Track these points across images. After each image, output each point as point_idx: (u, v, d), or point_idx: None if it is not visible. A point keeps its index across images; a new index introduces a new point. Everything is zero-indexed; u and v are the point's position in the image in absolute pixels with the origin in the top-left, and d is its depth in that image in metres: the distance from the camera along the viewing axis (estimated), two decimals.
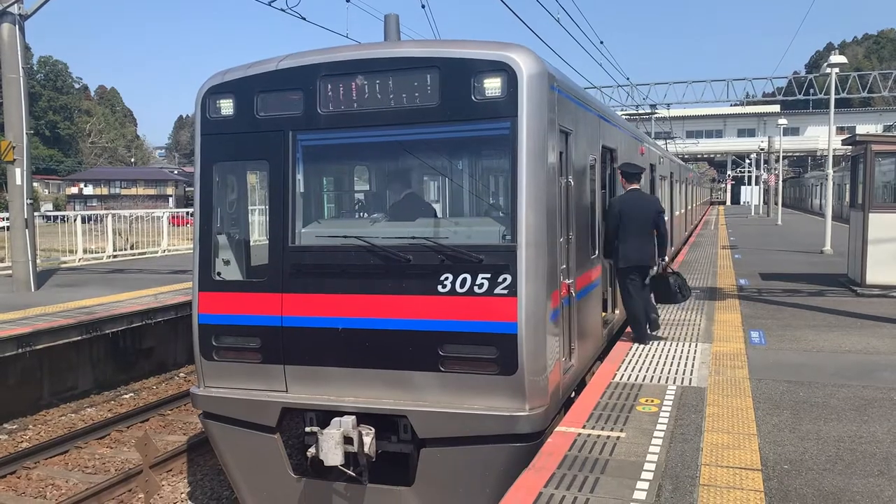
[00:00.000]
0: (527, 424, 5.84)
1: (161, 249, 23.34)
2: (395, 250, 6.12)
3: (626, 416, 6.16)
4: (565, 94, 6.74)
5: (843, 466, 5.06)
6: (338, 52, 6.47)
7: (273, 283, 6.47)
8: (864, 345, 8.96)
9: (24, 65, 14.10)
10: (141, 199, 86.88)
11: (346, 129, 6.42)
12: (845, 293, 13.23)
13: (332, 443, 5.93)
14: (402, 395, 6.13)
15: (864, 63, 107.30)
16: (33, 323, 10.88)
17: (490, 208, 6.76)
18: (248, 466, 6.78)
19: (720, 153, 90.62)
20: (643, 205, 8.60)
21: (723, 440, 5.56)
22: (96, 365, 12.39)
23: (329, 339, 6.26)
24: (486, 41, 6.16)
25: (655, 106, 51.48)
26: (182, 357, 13.91)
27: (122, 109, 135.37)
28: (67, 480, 8.80)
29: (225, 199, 7.17)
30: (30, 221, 14.22)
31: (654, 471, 4.94)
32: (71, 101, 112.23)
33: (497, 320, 5.84)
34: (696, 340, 9.21)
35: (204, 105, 6.76)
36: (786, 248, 23.21)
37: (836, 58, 21.78)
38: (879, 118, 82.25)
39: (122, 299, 13.22)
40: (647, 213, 8.53)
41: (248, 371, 6.59)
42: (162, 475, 8.80)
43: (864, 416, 6.16)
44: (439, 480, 6.11)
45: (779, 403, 6.55)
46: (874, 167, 13.13)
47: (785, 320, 10.63)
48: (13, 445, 9.92)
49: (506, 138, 5.94)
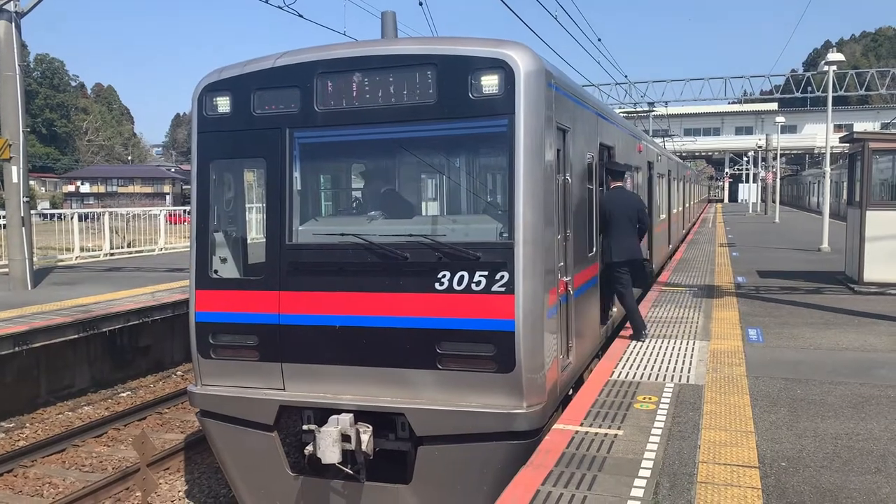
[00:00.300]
0: (524, 422, 5.83)
1: (158, 247, 23.32)
2: (393, 248, 6.10)
3: (623, 414, 6.16)
4: (563, 91, 6.73)
5: (841, 463, 5.07)
6: (335, 49, 6.44)
7: (270, 281, 6.46)
8: (862, 342, 8.97)
9: (21, 62, 14.08)
10: (138, 197, 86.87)
11: (343, 127, 6.41)
12: (843, 291, 13.24)
13: (329, 441, 5.93)
14: (400, 392, 6.12)
15: (862, 61, 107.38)
16: (30, 321, 10.85)
17: (487, 206, 6.74)
18: (246, 465, 6.77)
19: (718, 151, 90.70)
20: (628, 202, 9.10)
21: (720, 437, 5.56)
22: (93, 363, 12.38)
23: (326, 336, 6.25)
24: (484, 38, 6.14)
25: (653, 104, 51.57)
26: (179, 355, 13.89)
27: (119, 107, 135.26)
28: (64, 479, 8.79)
29: (222, 197, 7.15)
30: (26, 219, 14.21)
31: (651, 468, 4.94)
32: (68, 98, 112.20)
33: (494, 318, 5.84)
34: (694, 338, 9.22)
35: (201, 103, 6.74)
36: (783, 246, 23.23)
37: (834, 55, 21.79)
38: (877, 116, 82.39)
39: (119, 297, 13.19)
40: (632, 209, 9.02)
41: (246, 369, 6.58)
42: (159, 473, 8.79)
43: (862, 414, 6.17)
44: (437, 478, 6.10)
45: (776, 401, 6.55)
46: (871, 165, 13.15)
47: (782, 318, 10.64)
48: (10, 444, 9.90)
49: (503, 135, 5.93)
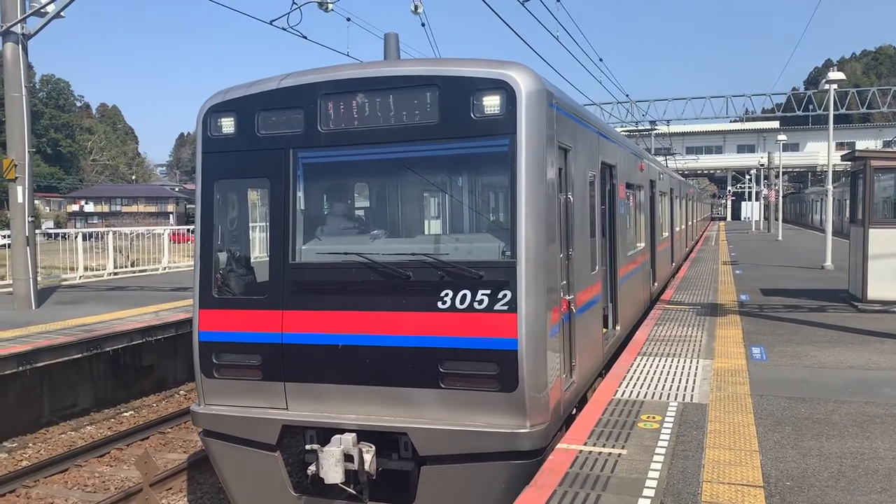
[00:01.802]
0: (527, 441, 5.82)
1: (162, 266, 23.38)
2: (395, 267, 6.13)
3: (627, 433, 6.14)
4: (564, 111, 6.78)
5: (846, 483, 5.04)
6: (338, 70, 6.51)
7: (273, 300, 6.48)
8: (866, 360, 8.94)
9: (27, 83, 14.20)
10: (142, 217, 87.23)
11: (346, 147, 6.47)
12: (846, 309, 13.21)
13: (332, 460, 5.92)
14: (403, 412, 6.11)
15: (863, 79, 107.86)
16: (34, 341, 10.87)
17: (490, 225, 6.77)
18: (249, 484, 6.74)
19: (720, 169, 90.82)
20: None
21: (724, 457, 5.54)
22: (96, 382, 12.37)
23: (329, 355, 6.26)
24: (486, 60, 6.22)
25: (655, 122, 51.73)
26: (182, 374, 13.88)
27: (124, 127, 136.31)
28: (67, 499, 8.76)
29: (226, 217, 7.19)
30: (31, 239, 14.26)
31: (655, 487, 4.92)
32: (73, 118, 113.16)
33: (497, 336, 5.84)
34: (698, 357, 9.20)
35: (205, 123, 6.81)
36: (786, 264, 23.21)
37: (834, 74, 21.92)
38: (879, 134, 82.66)
39: (123, 317, 13.21)
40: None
41: (249, 388, 6.58)
42: (162, 493, 8.77)
43: (867, 433, 6.14)
44: (440, 498, 6.07)
45: (780, 420, 6.53)
46: (873, 183, 13.18)
47: (786, 336, 10.61)
48: (13, 464, 9.88)
49: (505, 155, 5.97)
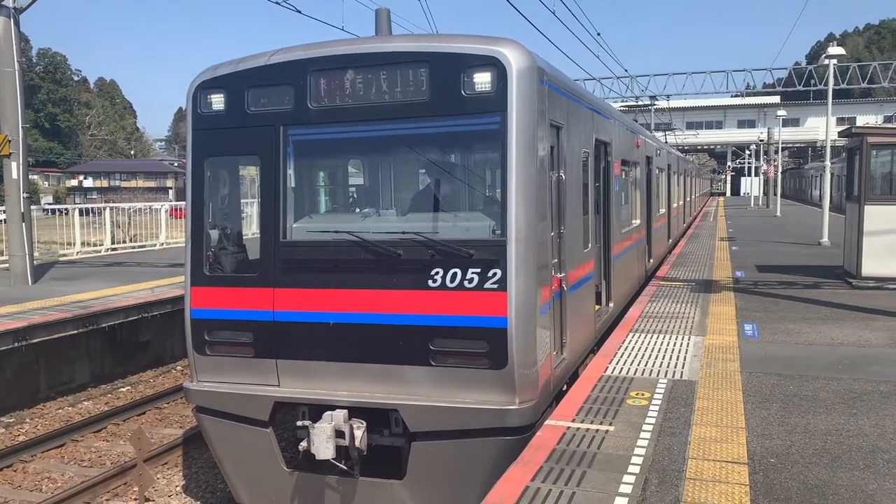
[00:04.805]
0: (516, 418, 5.87)
1: (160, 242, 23.37)
2: (386, 245, 6.14)
3: (615, 410, 6.18)
4: (556, 88, 6.74)
5: (830, 460, 5.09)
6: (328, 46, 6.46)
7: (265, 278, 6.49)
8: (857, 337, 8.98)
9: (20, 58, 14.09)
10: (140, 192, 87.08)
11: (336, 124, 6.44)
12: (841, 285, 13.24)
13: (323, 436, 5.98)
14: (393, 389, 6.16)
15: (865, 54, 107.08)
16: (30, 317, 10.90)
17: (480, 203, 6.76)
18: (241, 460, 6.82)
19: (720, 144, 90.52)
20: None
21: (711, 434, 5.58)
22: (93, 358, 12.45)
23: (320, 333, 6.29)
24: (477, 35, 6.16)
25: (655, 97, 51.44)
26: (179, 350, 13.96)
27: (122, 101, 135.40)
28: (63, 474, 8.85)
29: (217, 194, 7.18)
30: (26, 215, 14.25)
31: (640, 464, 4.97)
32: (70, 93, 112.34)
33: (487, 314, 5.87)
34: (690, 333, 9.24)
35: (195, 100, 6.77)
36: (783, 240, 23.21)
37: (834, 49, 21.74)
38: (880, 108, 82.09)
39: (120, 293, 13.24)
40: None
41: (241, 365, 6.62)
42: (157, 468, 8.86)
43: (853, 410, 6.19)
44: (430, 473, 6.15)
45: (769, 397, 6.57)
46: (870, 159, 13.14)
47: (779, 313, 10.65)
48: (10, 439, 9.98)
49: (495, 133, 5.95)
